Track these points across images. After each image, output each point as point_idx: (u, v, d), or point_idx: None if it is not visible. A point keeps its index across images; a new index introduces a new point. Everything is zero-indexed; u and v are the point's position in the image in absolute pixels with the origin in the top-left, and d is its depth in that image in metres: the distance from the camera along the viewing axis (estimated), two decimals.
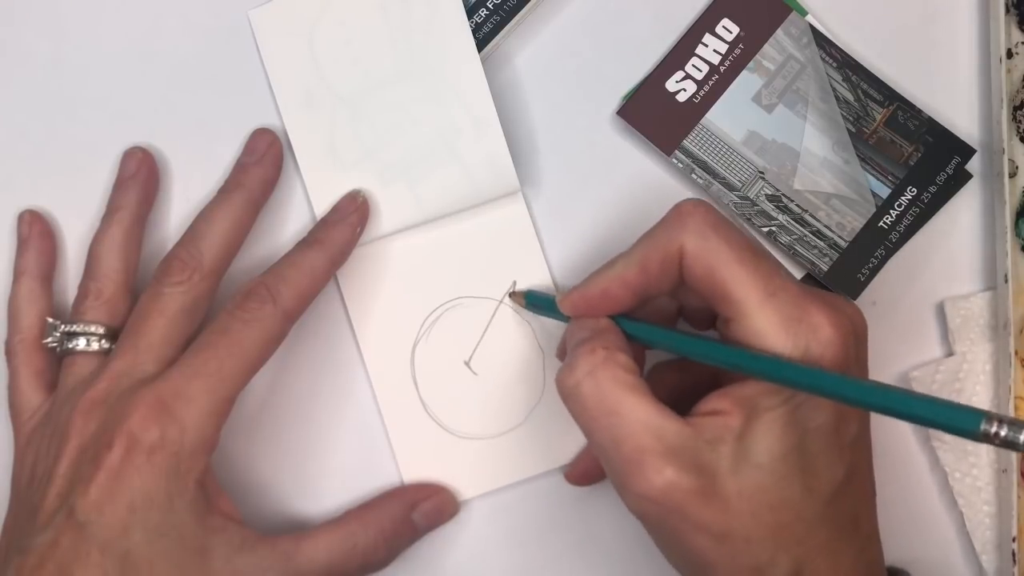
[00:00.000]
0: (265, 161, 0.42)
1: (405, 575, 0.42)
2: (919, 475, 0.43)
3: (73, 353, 0.39)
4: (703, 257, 0.34)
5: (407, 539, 0.41)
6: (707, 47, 0.44)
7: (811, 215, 0.43)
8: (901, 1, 0.45)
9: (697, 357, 0.35)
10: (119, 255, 0.40)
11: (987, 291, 0.43)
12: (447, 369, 0.42)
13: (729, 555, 0.32)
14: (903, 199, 0.43)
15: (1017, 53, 0.44)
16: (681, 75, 0.43)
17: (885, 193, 0.43)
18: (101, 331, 0.39)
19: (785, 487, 0.32)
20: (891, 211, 0.43)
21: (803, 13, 0.44)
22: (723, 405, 0.33)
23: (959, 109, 0.44)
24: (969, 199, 0.44)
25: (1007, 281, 0.42)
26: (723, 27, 0.44)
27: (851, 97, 0.43)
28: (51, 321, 0.40)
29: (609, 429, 0.33)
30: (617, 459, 0.32)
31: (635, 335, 0.36)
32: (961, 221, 0.44)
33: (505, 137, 0.42)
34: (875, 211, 0.43)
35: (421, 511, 0.41)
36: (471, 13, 0.43)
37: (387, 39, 0.43)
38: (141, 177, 0.42)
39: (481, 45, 0.43)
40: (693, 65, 0.43)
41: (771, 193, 0.43)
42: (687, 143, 0.43)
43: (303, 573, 0.38)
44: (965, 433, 0.27)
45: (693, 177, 0.43)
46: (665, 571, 0.43)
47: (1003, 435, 0.26)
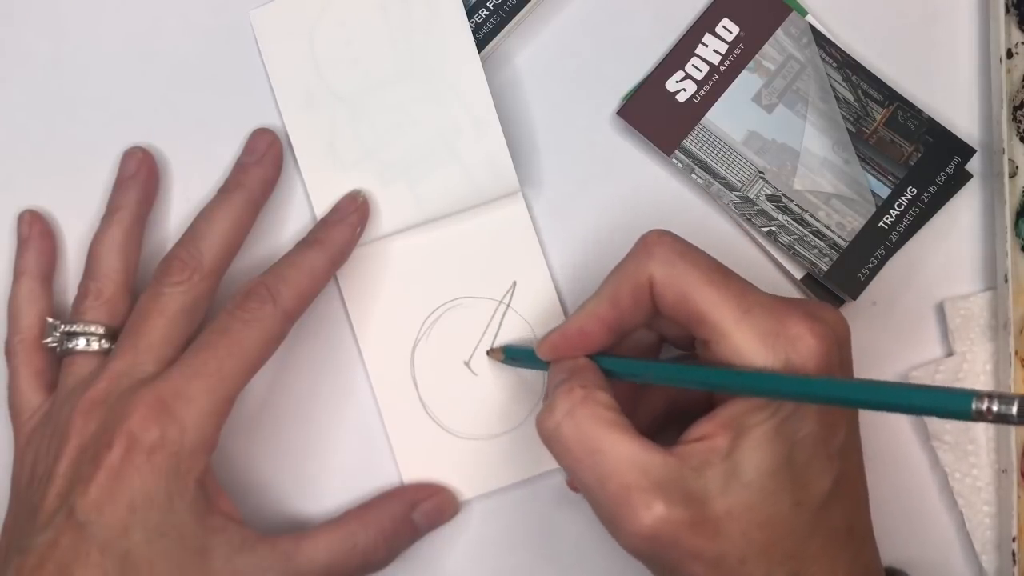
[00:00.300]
0: (265, 161, 0.42)
1: (405, 575, 0.42)
2: (919, 475, 0.43)
3: (73, 353, 0.39)
4: (673, 284, 0.34)
5: (407, 539, 0.41)
6: (707, 47, 0.44)
7: (811, 215, 0.43)
8: (901, 1, 0.45)
9: (680, 384, 0.35)
10: (119, 255, 0.40)
11: (987, 291, 0.43)
12: (447, 369, 0.42)
13: None
14: (903, 199, 0.43)
15: (1017, 53, 0.44)
16: (681, 75, 0.43)
17: (885, 193, 0.43)
18: (101, 331, 0.39)
19: (774, 503, 0.32)
20: (891, 211, 0.43)
21: (803, 13, 0.44)
22: (708, 429, 0.33)
23: (959, 109, 0.44)
24: (969, 199, 0.44)
25: (1007, 281, 0.42)
26: (723, 27, 0.44)
27: (851, 97, 0.43)
28: (51, 321, 0.40)
29: (593, 468, 0.32)
30: (604, 498, 0.32)
31: (616, 371, 0.36)
32: (961, 221, 0.44)
33: (505, 137, 0.42)
34: (875, 211, 0.43)
35: (421, 511, 0.41)
36: (471, 13, 0.43)
37: (387, 39, 0.43)
38: (141, 177, 0.42)
39: (481, 45, 0.43)
40: (693, 65, 0.43)
41: (771, 193, 0.43)
42: (687, 143, 0.43)
43: (303, 573, 0.38)
44: (958, 415, 0.27)
45: (693, 177, 0.43)
46: None
47: (995, 410, 0.26)
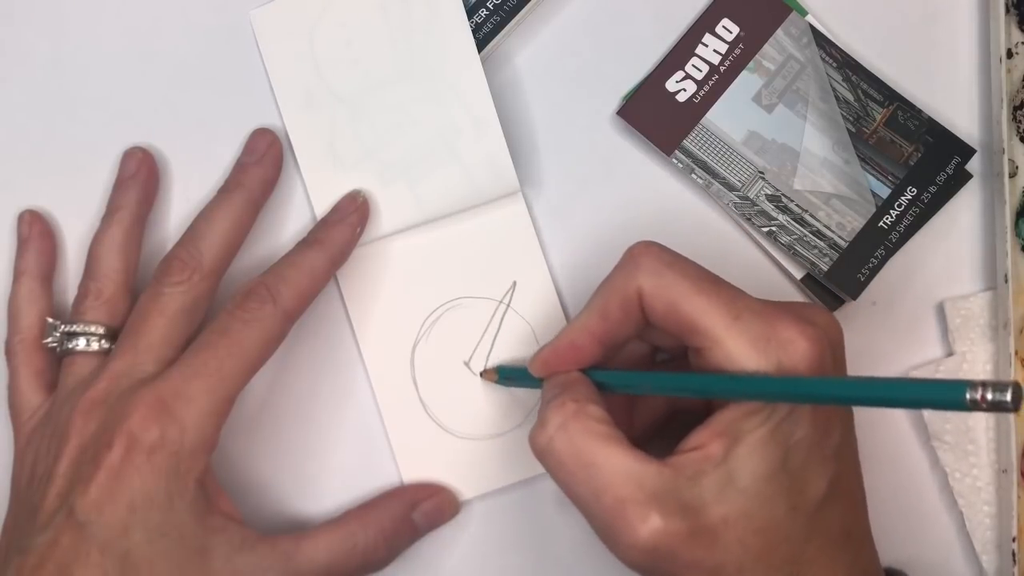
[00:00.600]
0: (265, 161, 0.42)
1: (405, 575, 0.42)
2: (919, 475, 0.43)
3: (73, 353, 0.39)
4: (662, 294, 0.34)
5: (407, 539, 0.41)
6: (707, 47, 0.44)
7: (811, 215, 0.43)
8: (901, 1, 0.45)
9: (674, 393, 0.35)
10: (119, 255, 0.40)
11: (987, 291, 0.43)
12: (447, 369, 0.42)
13: None
14: (903, 199, 0.43)
15: (1017, 53, 0.44)
16: (681, 75, 0.43)
17: (885, 193, 0.43)
18: (101, 331, 0.39)
19: (770, 509, 0.32)
20: (891, 211, 0.43)
21: (803, 13, 0.44)
22: (703, 439, 0.32)
23: (959, 109, 0.44)
24: (969, 199, 0.44)
25: (1007, 281, 0.42)
26: (723, 27, 0.44)
27: (851, 97, 0.43)
28: (51, 321, 0.40)
29: (587, 482, 0.32)
30: (599, 512, 0.32)
31: (609, 384, 0.36)
32: (961, 221, 0.44)
33: (505, 137, 0.42)
34: (875, 211, 0.43)
35: (421, 511, 0.41)
36: (471, 13, 0.43)
37: (387, 39, 0.43)
38: (141, 177, 0.42)
39: (481, 45, 0.43)
40: (693, 65, 0.43)
41: (771, 193, 0.43)
42: (687, 143, 0.43)
43: (303, 573, 0.38)
44: (953, 405, 0.27)
45: (693, 177, 0.43)
46: None
47: (990, 398, 0.26)
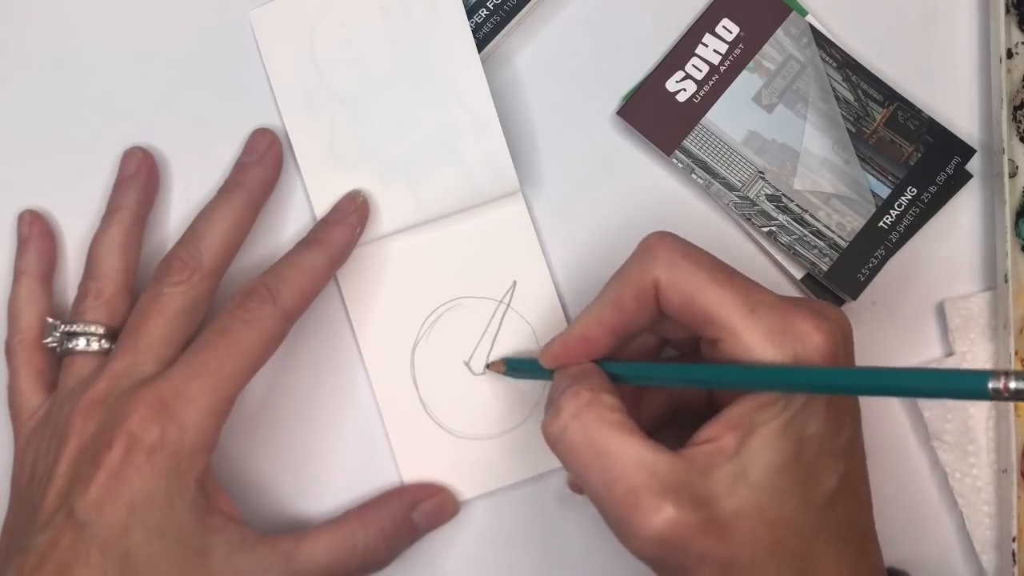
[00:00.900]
0: (265, 161, 0.42)
1: (405, 575, 0.42)
2: (919, 475, 0.43)
3: (73, 353, 0.39)
4: (678, 285, 0.34)
5: (407, 539, 0.41)
6: (707, 47, 0.44)
7: (811, 215, 0.43)
8: (901, 1, 0.45)
9: (689, 384, 0.35)
10: (119, 255, 0.40)
11: (987, 291, 0.43)
12: (447, 369, 0.42)
13: None
14: (903, 199, 0.43)
15: (1017, 53, 0.44)
16: (681, 75, 0.43)
17: (885, 193, 0.43)
18: (101, 331, 0.39)
19: (782, 502, 0.32)
20: (891, 211, 0.43)
21: (803, 13, 0.44)
22: (715, 431, 0.32)
23: (959, 109, 0.44)
24: (969, 199, 0.44)
25: (1007, 281, 0.42)
26: (723, 27, 0.44)
27: (851, 97, 0.43)
28: (51, 321, 0.40)
29: (601, 471, 0.32)
30: (612, 501, 0.32)
31: (622, 375, 0.36)
32: (961, 221, 0.44)
33: (505, 137, 0.42)
34: (875, 211, 0.43)
35: (421, 511, 0.41)
36: (471, 13, 0.43)
37: (387, 39, 0.43)
38: (141, 177, 0.42)
39: (481, 45, 0.43)
40: (693, 65, 0.43)
41: (771, 193, 0.43)
42: (687, 143, 0.43)
43: (303, 573, 0.38)
44: (975, 394, 0.27)
45: (693, 177, 0.43)
46: None
47: (1012, 387, 0.26)
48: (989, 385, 0.26)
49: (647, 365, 0.37)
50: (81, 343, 0.39)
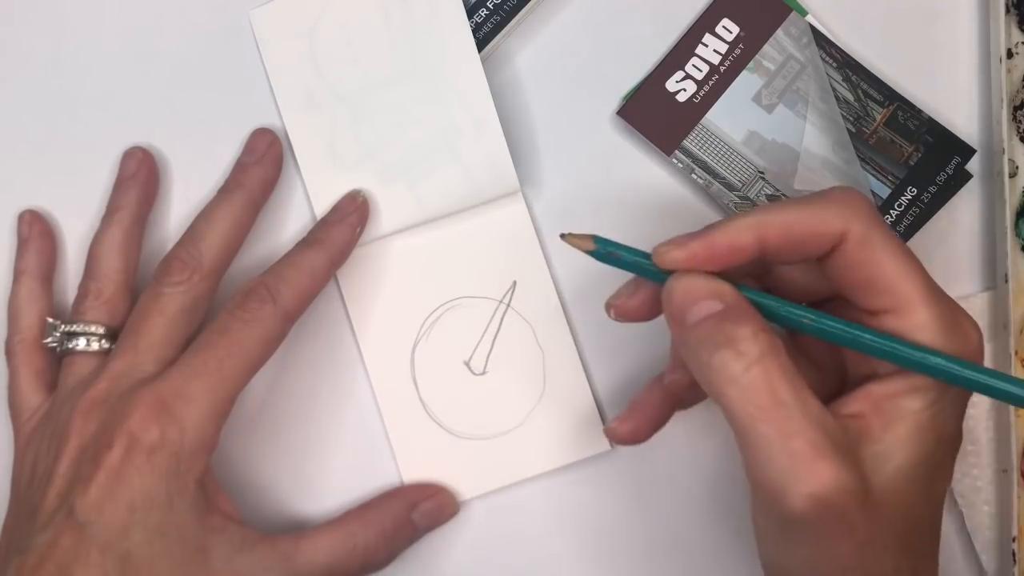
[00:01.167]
0: (265, 161, 0.42)
1: (405, 575, 0.42)
2: None
3: (73, 353, 0.39)
4: (869, 245, 0.32)
5: (407, 539, 0.41)
6: (707, 47, 0.44)
7: None
8: (901, 1, 0.45)
9: (853, 345, 0.32)
10: (119, 255, 0.40)
11: (987, 291, 0.43)
12: (447, 369, 0.42)
13: (863, 562, 0.31)
14: (903, 199, 0.43)
15: (1017, 53, 0.44)
16: (681, 75, 0.43)
17: (885, 193, 0.43)
18: (101, 331, 0.39)
19: (915, 494, 0.31)
20: (891, 211, 0.43)
21: (803, 13, 0.44)
22: (861, 407, 0.32)
23: (959, 109, 0.44)
24: (969, 199, 0.44)
25: (1007, 281, 0.42)
26: (723, 27, 0.44)
27: (851, 97, 0.43)
28: (51, 321, 0.40)
29: (780, 421, 0.30)
30: (784, 455, 0.30)
31: (774, 313, 0.32)
32: (961, 221, 0.44)
33: (505, 137, 0.42)
34: None
35: (421, 511, 0.41)
36: (471, 13, 0.43)
37: (387, 39, 0.43)
38: (141, 177, 0.42)
39: (481, 45, 0.43)
40: (693, 65, 0.43)
41: (771, 193, 0.43)
42: (687, 143, 0.43)
43: (303, 573, 0.38)
44: None
45: (693, 177, 0.43)
46: (664, 571, 0.43)
47: None
48: None
49: (806, 311, 0.32)
50: (81, 343, 0.39)
